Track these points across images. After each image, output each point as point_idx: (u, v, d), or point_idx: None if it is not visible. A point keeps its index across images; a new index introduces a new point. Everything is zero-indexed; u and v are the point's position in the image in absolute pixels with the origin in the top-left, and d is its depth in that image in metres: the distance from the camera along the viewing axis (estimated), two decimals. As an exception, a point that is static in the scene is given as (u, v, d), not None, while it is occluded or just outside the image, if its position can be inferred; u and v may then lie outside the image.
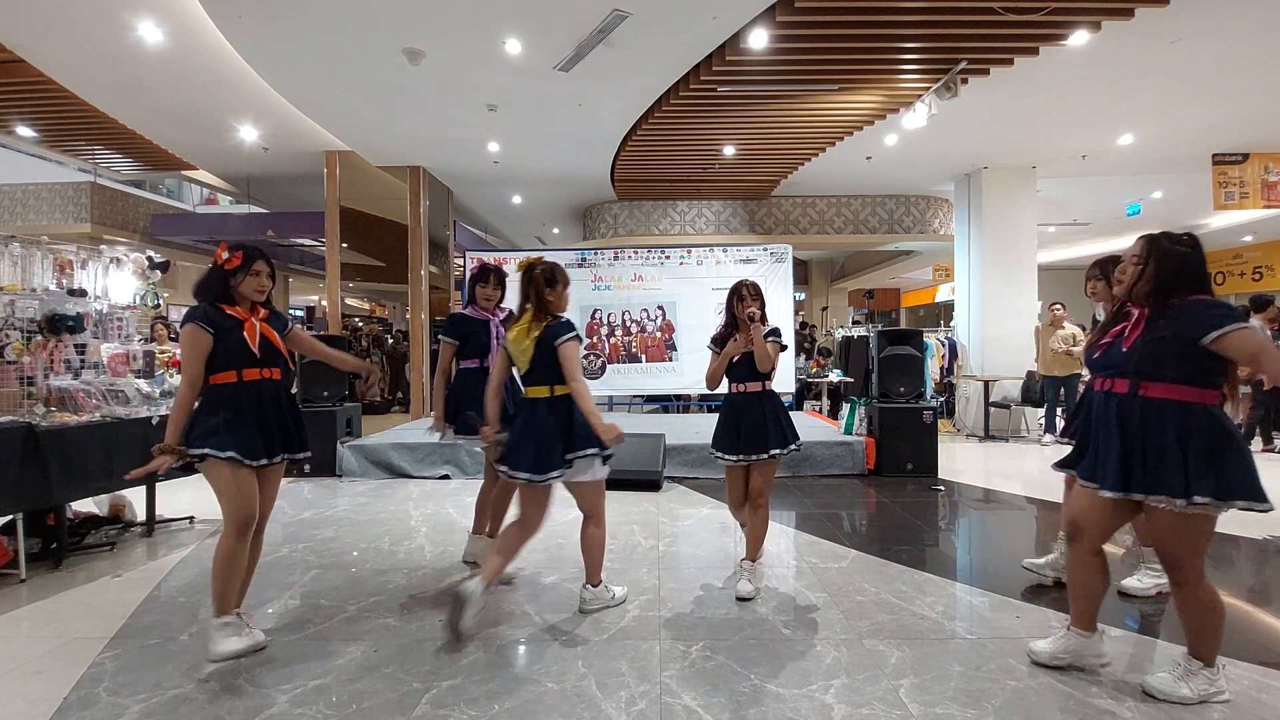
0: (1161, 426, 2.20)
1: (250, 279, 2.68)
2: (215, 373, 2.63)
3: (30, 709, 2.29)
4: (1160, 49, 5.64)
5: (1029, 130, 7.75)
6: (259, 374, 2.68)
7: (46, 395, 3.97)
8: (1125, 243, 15.54)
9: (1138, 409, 2.26)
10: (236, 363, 2.63)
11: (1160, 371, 2.21)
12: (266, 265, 2.73)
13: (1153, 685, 2.32)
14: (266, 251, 2.76)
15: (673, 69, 6.20)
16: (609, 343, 9.00)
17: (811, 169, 9.33)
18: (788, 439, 3.31)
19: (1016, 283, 9.09)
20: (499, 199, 11.55)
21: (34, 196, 11.46)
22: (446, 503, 5.23)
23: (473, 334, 3.64)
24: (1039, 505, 5.26)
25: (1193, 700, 2.25)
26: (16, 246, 4.12)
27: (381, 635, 2.84)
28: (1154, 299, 2.28)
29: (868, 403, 6.57)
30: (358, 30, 5.37)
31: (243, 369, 2.64)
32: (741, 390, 3.36)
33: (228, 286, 2.67)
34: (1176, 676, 2.30)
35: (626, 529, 4.46)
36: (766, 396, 3.36)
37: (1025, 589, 3.37)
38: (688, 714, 2.23)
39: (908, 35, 5.49)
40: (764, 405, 3.32)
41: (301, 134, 8.10)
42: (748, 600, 3.19)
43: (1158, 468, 2.19)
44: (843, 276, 17.55)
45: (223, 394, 2.62)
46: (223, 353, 2.61)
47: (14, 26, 5.68)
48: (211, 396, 2.63)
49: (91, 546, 4.08)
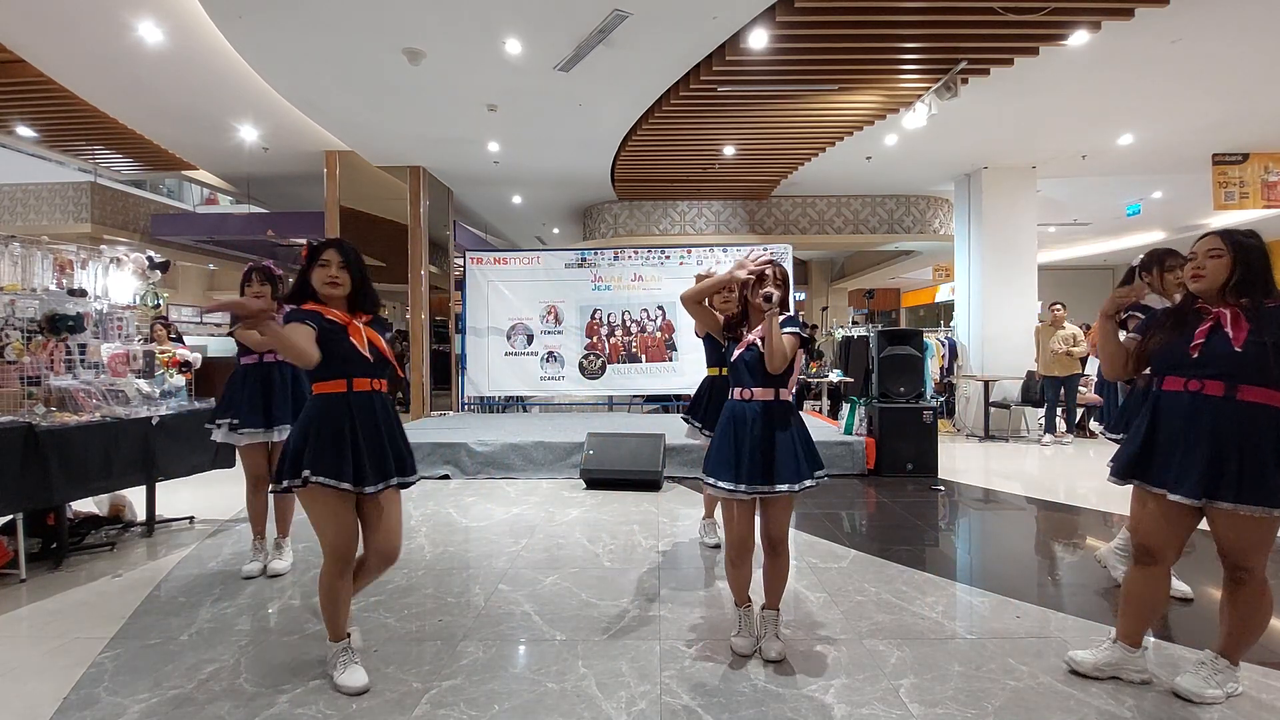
0: (1260, 432, 2.11)
1: (319, 270, 2.38)
2: (322, 380, 2.35)
3: (30, 709, 2.29)
4: (1160, 49, 5.64)
5: (1029, 130, 7.75)
6: (369, 385, 2.40)
7: (46, 395, 3.97)
8: (1125, 243, 15.48)
9: (1234, 413, 2.13)
10: (344, 371, 2.35)
11: (1264, 375, 2.11)
12: (339, 255, 2.39)
13: (1185, 688, 2.28)
14: (349, 246, 2.45)
15: (673, 69, 6.20)
16: (609, 343, 9.00)
17: (811, 169, 9.33)
18: (803, 470, 2.54)
19: (1016, 283, 9.09)
20: (499, 199, 11.55)
21: (34, 196, 11.46)
22: (446, 503, 5.23)
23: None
24: (1039, 505, 5.26)
25: (1220, 700, 2.25)
26: (16, 246, 4.12)
27: (381, 635, 2.84)
28: (1249, 297, 2.18)
29: (868, 403, 6.57)
30: (358, 30, 5.37)
31: (354, 377, 2.36)
32: (748, 398, 2.60)
33: (307, 285, 2.40)
34: (1203, 677, 2.29)
35: (626, 529, 4.46)
36: (780, 409, 2.59)
37: (1027, 588, 3.37)
38: (688, 714, 2.23)
39: (908, 35, 5.49)
40: (775, 421, 2.56)
41: (301, 134, 8.10)
42: (778, 662, 2.57)
43: (1256, 475, 2.09)
44: (842, 276, 17.55)
45: (330, 406, 2.35)
46: (329, 359, 2.30)
47: (14, 26, 5.68)
48: (318, 409, 2.35)
49: (91, 546, 4.08)
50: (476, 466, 6.18)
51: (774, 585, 2.67)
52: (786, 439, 2.55)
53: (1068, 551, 4.12)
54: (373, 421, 2.38)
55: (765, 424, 2.56)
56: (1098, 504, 5.14)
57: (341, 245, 2.43)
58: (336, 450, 2.30)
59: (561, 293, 9.03)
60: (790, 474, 2.52)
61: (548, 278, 9.07)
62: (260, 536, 3.69)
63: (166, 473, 4.33)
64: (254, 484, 3.66)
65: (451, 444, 6.23)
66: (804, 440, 2.60)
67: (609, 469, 5.69)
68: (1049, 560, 3.98)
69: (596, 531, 4.41)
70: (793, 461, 2.53)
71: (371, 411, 2.39)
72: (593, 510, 4.97)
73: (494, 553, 3.98)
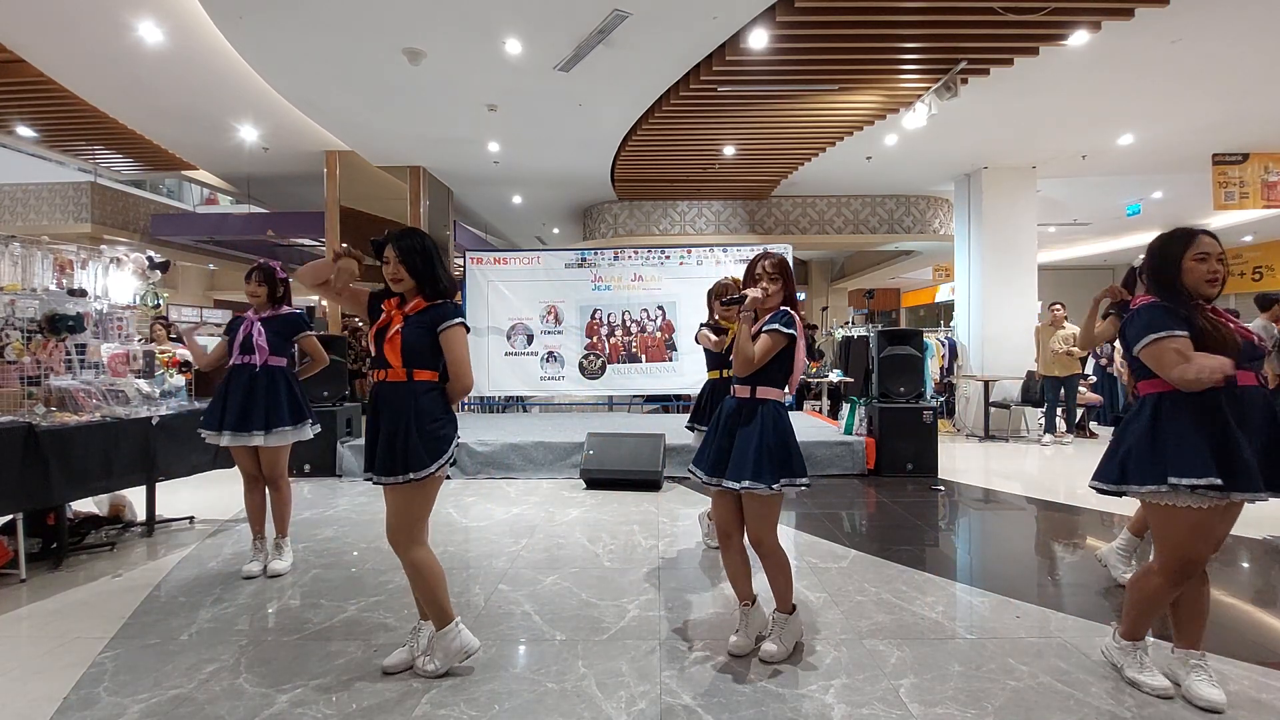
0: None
1: (384, 268, 2.45)
2: (434, 372, 2.46)
3: (30, 709, 2.29)
4: (1160, 49, 5.64)
5: (1029, 130, 7.75)
6: (382, 375, 2.48)
7: (46, 395, 3.97)
8: (1125, 243, 15.51)
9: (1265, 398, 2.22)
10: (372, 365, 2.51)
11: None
12: (394, 251, 2.42)
13: (1207, 697, 2.21)
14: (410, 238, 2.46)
15: (673, 69, 6.20)
16: (609, 343, 9.00)
17: (811, 169, 9.33)
18: (759, 472, 2.42)
19: (1016, 283, 9.09)
20: (499, 199, 11.55)
21: (34, 196, 11.47)
22: (446, 503, 5.23)
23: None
24: (1039, 505, 5.26)
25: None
26: (16, 246, 4.12)
27: (381, 635, 2.84)
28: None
29: (868, 403, 6.58)
30: (358, 30, 5.37)
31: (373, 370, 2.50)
32: (733, 392, 2.62)
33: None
34: (1207, 678, 2.25)
35: (626, 529, 4.46)
36: (749, 406, 2.53)
37: (1026, 587, 3.37)
38: (688, 714, 2.23)
39: (908, 35, 5.49)
40: (742, 417, 2.53)
41: (301, 134, 8.10)
42: (774, 664, 2.54)
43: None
44: (842, 276, 17.55)
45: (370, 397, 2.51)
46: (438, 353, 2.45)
47: (14, 26, 5.68)
48: (443, 402, 2.48)
49: (91, 546, 4.08)
50: (476, 466, 6.19)
51: (775, 586, 2.65)
52: (748, 436, 2.49)
53: (1068, 551, 4.12)
54: (376, 412, 2.45)
55: (732, 418, 2.56)
56: (1098, 504, 5.14)
57: (398, 240, 2.43)
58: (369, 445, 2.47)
59: (561, 293, 9.03)
60: (737, 472, 2.46)
61: (548, 278, 9.07)
62: (259, 536, 3.70)
63: (166, 473, 4.34)
64: (248, 483, 3.68)
65: (451, 444, 6.23)
66: (773, 444, 2.47)
67: (609, 469, 5.69)
68: (1049, 560, 3.98)
69: (596, 531, 4.41)
70: (747, 461, 2.45)
71: (377, 401, 2.46)
72: (593, 510, 4.97)
73: (494, 553, 3.98)
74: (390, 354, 2.40)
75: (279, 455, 3.62)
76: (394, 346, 2.40)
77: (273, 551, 3.70)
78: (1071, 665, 2.53)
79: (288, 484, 3.73)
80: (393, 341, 2.40)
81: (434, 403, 2.44)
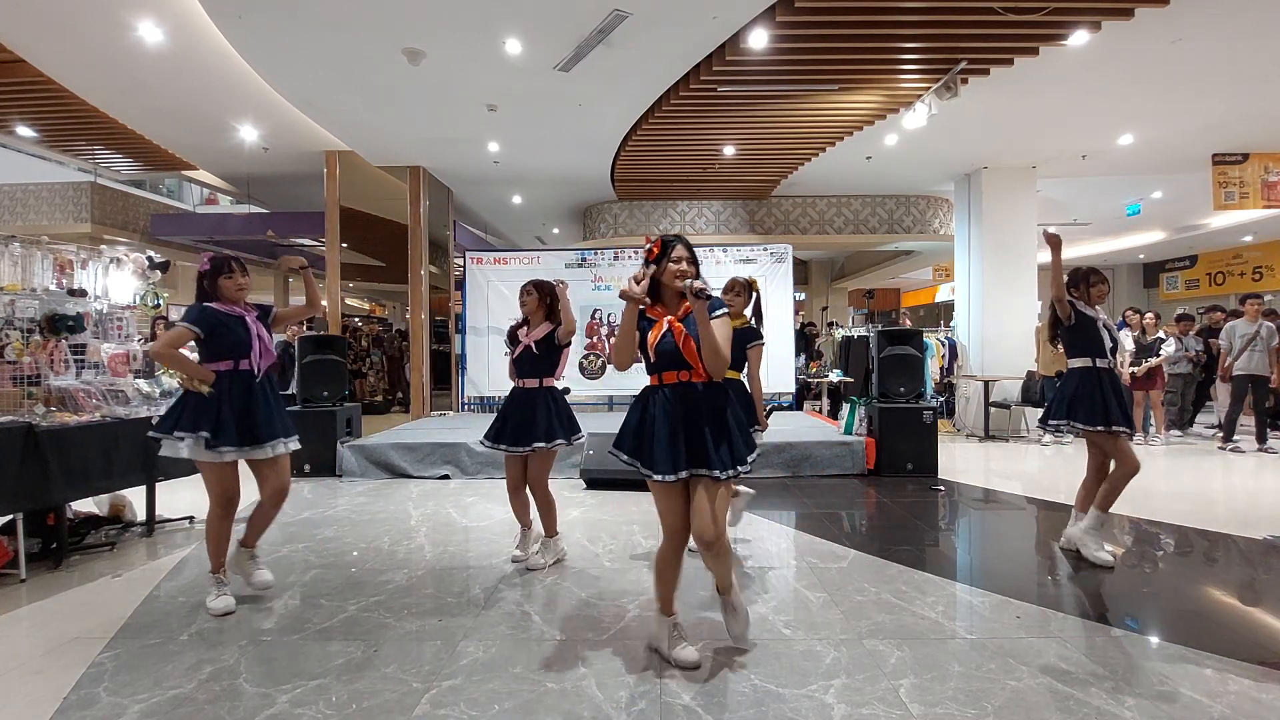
0: None
1: (673, 266, 2.57)
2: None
3: (30, 709, 2.29)
4: (1160, 49, 5.64)
5: (1029, 130, 7.75)
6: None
7: (46, 395, 3.97)
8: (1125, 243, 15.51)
9: None
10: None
11: None
12: (684, 251, 2.61)
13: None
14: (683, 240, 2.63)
15: (673, 69, 6.20)
16: (609, 343, 9.00)
17: (811, 169, 9.33)
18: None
19: (1016, 283, 9.09)
20: (499, 199, 11.55)
21: (34, 196, 11.46)
22: (446, 503, 5.23)
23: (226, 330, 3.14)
24: (1039, 505, 5.26)
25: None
26: (16, 246, 4.12)
27: (381, 635, 2.84)
28: None
29: (868, 403, 6.58)
30: (358, 30, 5.37)
31: None
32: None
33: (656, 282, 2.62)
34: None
35: (627, 529, 4.46)
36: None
37: (1027, 587, 3.37)
38: (688, 714, 2.23)
39: (908, 35, 5.49)
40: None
41: (301, 134, 8.10)
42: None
43: None
44: (843, 276, 17.54)
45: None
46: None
47: (14, 26, 5.68)
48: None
49: (91, 546, 4.08)
50: (476, 466, 6.19)
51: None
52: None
53: (1067, 551, 4.12)
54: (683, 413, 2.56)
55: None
56: (1098, 504, 5.14)
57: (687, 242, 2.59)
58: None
59: (561, 293, 9.01)
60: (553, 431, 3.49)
61: (548, 278, 9.05)
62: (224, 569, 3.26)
63: (166, 473, 4.33)
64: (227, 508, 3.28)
65: (451, 444, 6.24)
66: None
67: (609, 469, 5.68)
68: (1049, 560, 3.97)
69: (596, 531, 4.41)
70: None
71: (685, 402, 2.57)
72: (593, 510, 4.97)
73: (494, 553, 3.98)
74: (691, 357, 2.47)
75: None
76: (691, 349, 2.46)
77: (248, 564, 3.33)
78: (1071, 665, 2.53)
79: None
80: (687, 345, 2.46)
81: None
